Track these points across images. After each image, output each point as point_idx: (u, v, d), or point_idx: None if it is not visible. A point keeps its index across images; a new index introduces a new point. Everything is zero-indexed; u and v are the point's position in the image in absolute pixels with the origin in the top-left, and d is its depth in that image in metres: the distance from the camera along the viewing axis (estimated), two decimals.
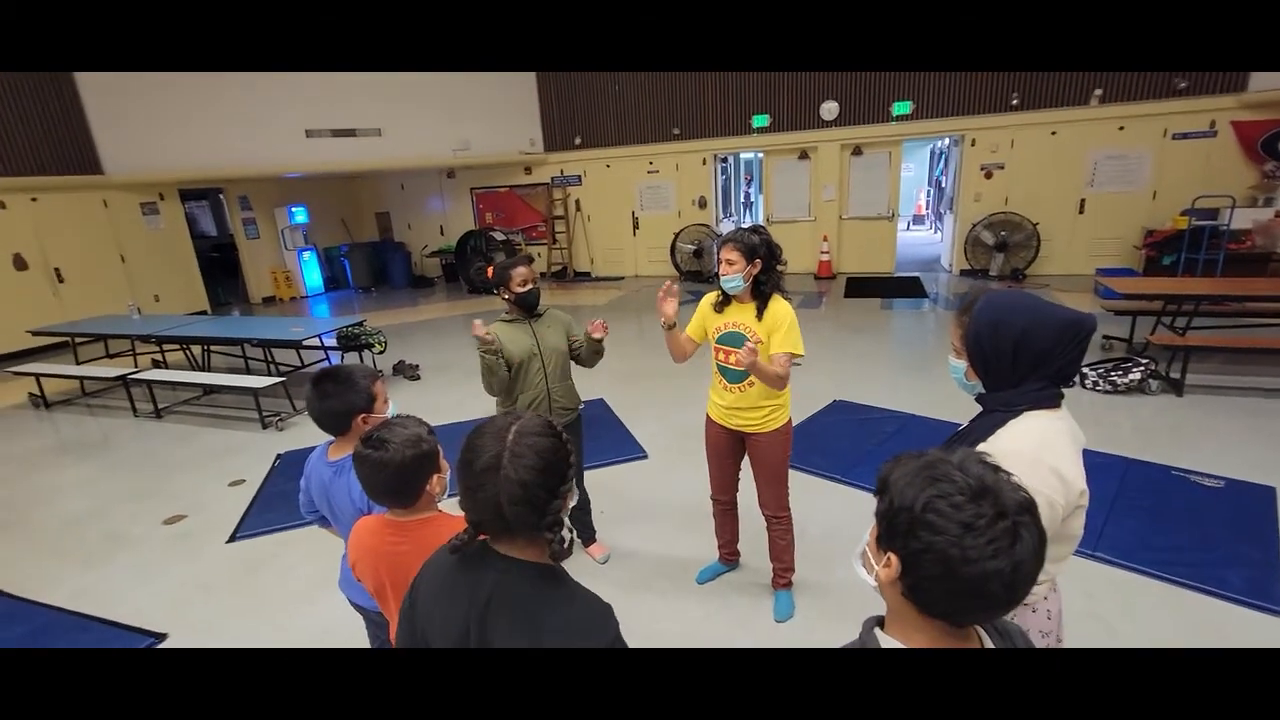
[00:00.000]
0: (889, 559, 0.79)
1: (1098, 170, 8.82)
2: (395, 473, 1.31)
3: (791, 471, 2.68)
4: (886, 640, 0.84)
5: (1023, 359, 1.26)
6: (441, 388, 5.94)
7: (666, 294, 2.37)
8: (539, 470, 0.96)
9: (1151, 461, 3.74)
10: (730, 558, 2.94)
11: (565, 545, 1.01)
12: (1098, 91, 8.57)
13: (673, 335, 2.46)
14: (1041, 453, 1.21)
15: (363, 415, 1.73)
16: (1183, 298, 5.22)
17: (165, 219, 9.84)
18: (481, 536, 1.02)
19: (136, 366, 6.51)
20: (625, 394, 5.35)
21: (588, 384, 5.53)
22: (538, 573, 0.99)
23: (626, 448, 4.37)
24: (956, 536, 0.72)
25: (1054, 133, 8.86)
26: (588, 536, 3.16)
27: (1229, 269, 7.41)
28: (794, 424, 2.59)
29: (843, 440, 4.28)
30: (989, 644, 0.84)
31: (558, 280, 11.79)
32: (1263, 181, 8.05)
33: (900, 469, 0.81)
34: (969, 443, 1.31)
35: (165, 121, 8.97)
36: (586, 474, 3.21)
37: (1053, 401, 1.28)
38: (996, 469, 0.78)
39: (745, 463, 2.64)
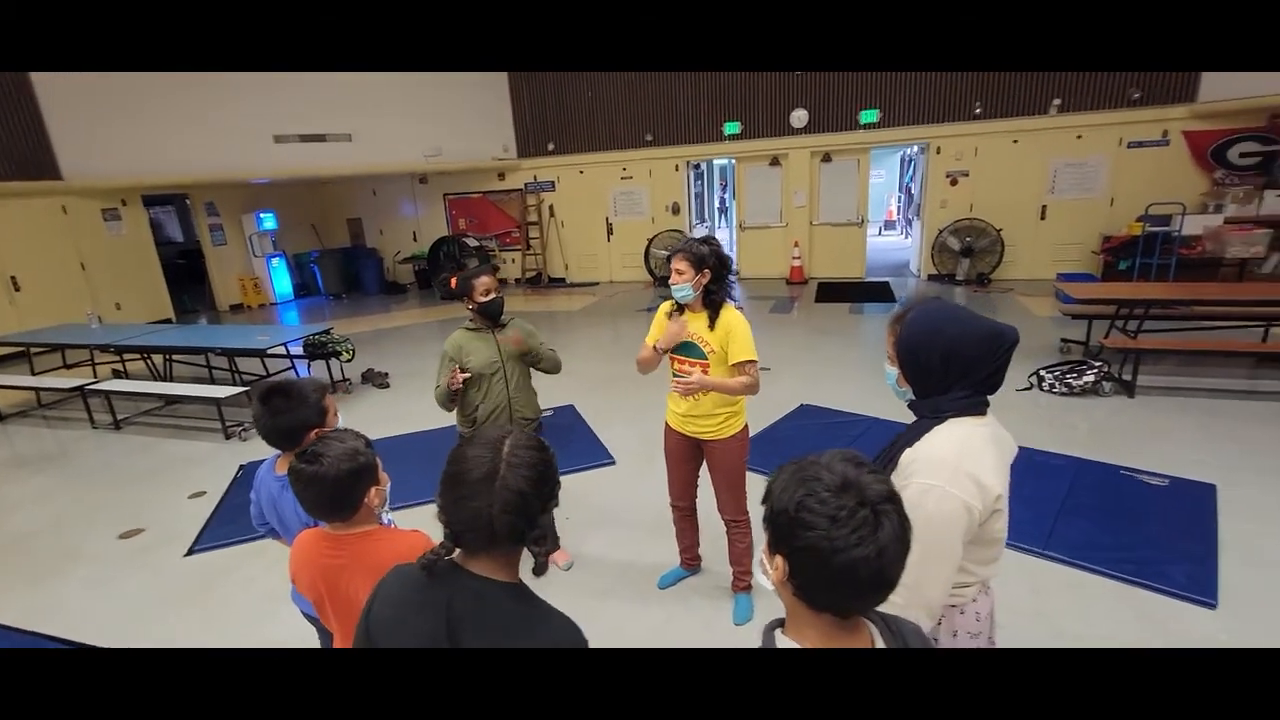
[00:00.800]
0: (777, 561, 0.84)
1: (1058, 177, 9.08)
2: (331, 487, 1.31)
3: (753, 475, 2.72)
4: (784, 641, 0.88)
5: (950, 368, 1.30)
6: (411, 396, 5.90)
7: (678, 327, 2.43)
8: (535, 481, 0.98)
9: (1102, 461, 3.86)
10: (692, 562, 2.97)
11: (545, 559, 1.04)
12: (1056, 101, 8.82)
13: (657, 357, 2.47)
14: (962, 459, 1.26)
15: (315, 430, 1.72)
16: (1134, 302, 5.40)
17: (127, 225, 9.62)
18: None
19: (95, 377, 6.35)
20: (596, 400, 5.37)
21: (559, 391, 5.57)
22: (512, 592, 1.01)
23: (595, 454, 4.39)
24: (825, 530, 0.78)
25: (1015, 141, 9.10)
26: (551, 544, 3.17)
27: (1181, 274, 7.67)
28: (760, 429, 2.63)
29: (808, 444, 4.32)
30: (880, 643, 0.87)
31: (532, 286, 11.77)
32: (1212, 189, 8.36)
33: (779, 478, 0.86)
34: (899, 448, 1.36)
35: (127, 126, 8.78)
36: None
37: (977, 409, 1.33)
38: (860, 464, 0.84)
39: (705, 469, 2.68)
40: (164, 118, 8.88)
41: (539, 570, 3.09)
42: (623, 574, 3.09)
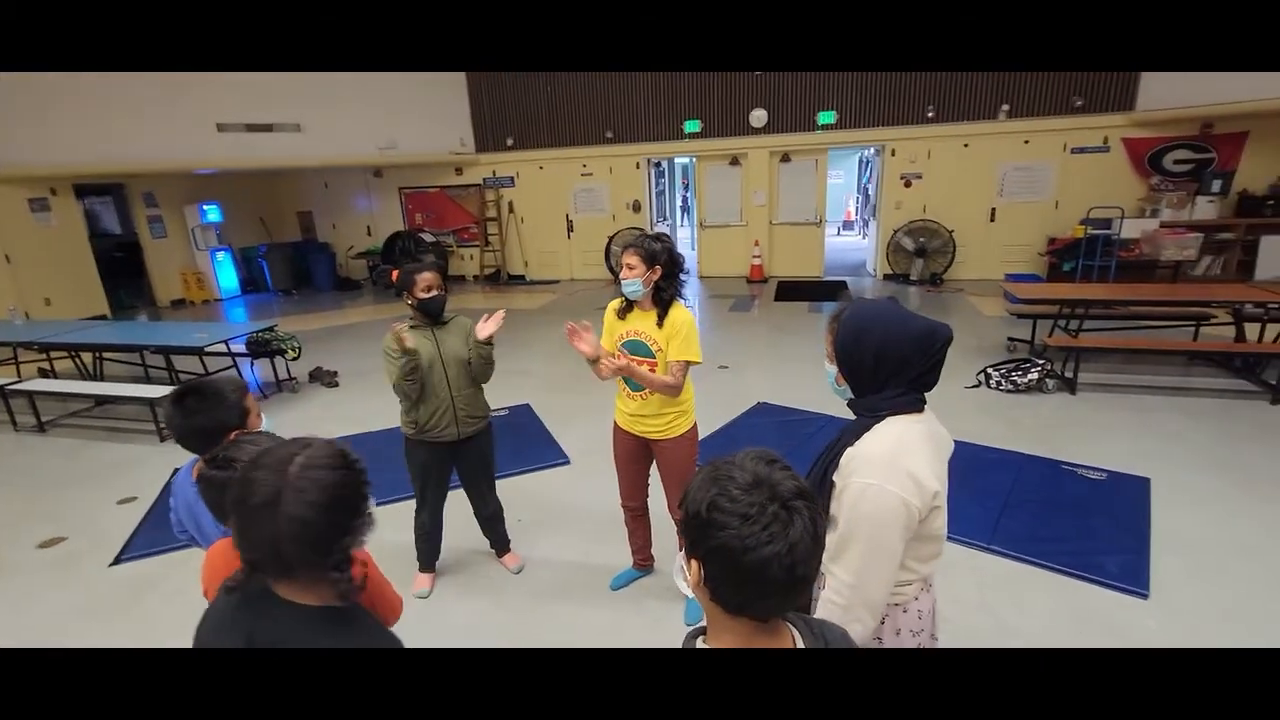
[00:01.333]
0: (693, 565, 0.83)
1: (1006, 181, 9.37)
2: None
3: None
4: (703, 646, 0.85)
5: (883, 367, 1.30)
6: (361, 396, 5.72)
7: (575, 335, 2.30)
8: (324, 506, 0.90)
9: (1045, 457, 3.98)
10: (644, 563, 2.94)
11: (357, 584, 0.95)
12: (1005, 107, 9.09)
13: (597, 367, 2.32)
14: (898, 456, 1.25)
15: (235, 432, 1.62)
16: (1075, 302, 5.59)
17: (57, 216, 9.07)
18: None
19: (19, 376, 5.98)
20: (553, 400, 5.29)
21: (515, 389, 5.48)
22: (322, 617, 0.94)
23: (549, 453, 4.32)
24: (736, 528, 0.76)
25: (966, 145, 9.35)
26: (501, 547, 3.10)
27: (1120, 275, 8.00)
28: (718, 426, 2.61)
29: (764, 442, 4.32)
30: (800, 644, 0.85)
31: (491, 283, 11.58)
32: (1149, 194, 8.74)
33: (695, 478, 0.84)
34: (839, 446, 1.35)
35: (56, 111, 8.28)
36: (501, 482, 3.14)
37: (913, 407, 1.32)
38: (772, 461, 0.83)
39: (656, 469, 2.65)
40: (97, 103, 8.41)
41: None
42: (574, 575, 3.03)
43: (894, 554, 1.24)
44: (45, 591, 3.14)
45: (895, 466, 1.23)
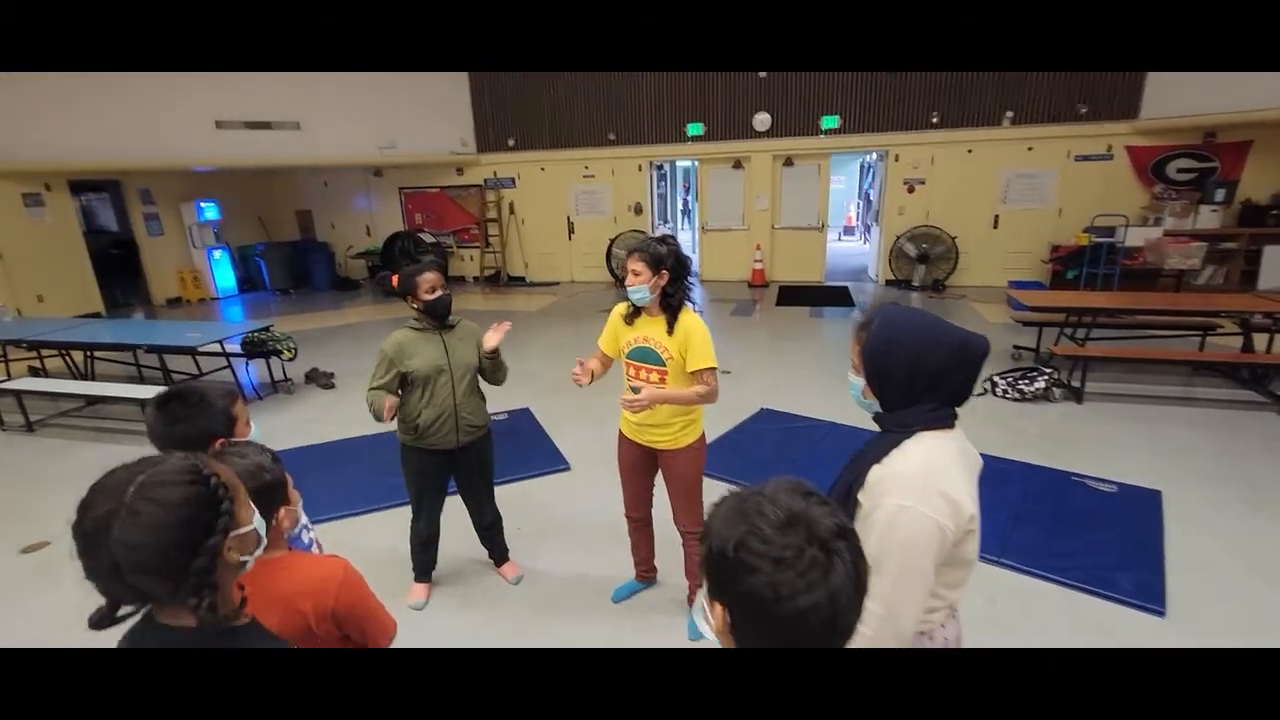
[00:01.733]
0: (717, 609, 0.75)
1: (1009, 187, 9.32)
2: None
3: (713, 481, 2.64)
4: None
5: (916, 379, 1.22)
6: (357, 397, 5.59)
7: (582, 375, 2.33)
8: (165, 529, 0.80)
9: (1053, 468, 3.91)
10: (647, 575, 2.86)
11: (233, 608, 0.87)
12: (1009, 114, 9.05)
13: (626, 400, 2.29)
14: (932, 476, 1.18)
15: (220, 440, 1.54)
16: (1082, 310, 5.53)
17: (51, 211, 8.97)
18: None
19: (8, 375, 5.88)
20: (552, 404, 5.21)
21: (514, 394, 5.39)
22: (196, 640, 0.86)
23: (549, 460, 4.23)
24: (769, 574, 0.68)
25: (970, 151, 9.30)
26: (500, 556, 3.01)
27: (1124, 283, 7.95)
28: (722, 433, 2.54)
29: (768, 449, 4.28)
30: None
31: (491, 285, 11.49)
32: (1153, 202, 8.70)
33: (718, 511, 0.76)
34: (865, 463, 1.27)
35: (52, 105, 8.18)
36: (500, 489, 3.05)
37: (945, 422, 1.25)
38: (808, 495, 0.74)
39: (661, 479, 2.57)
40: (94, 98, 8.31)
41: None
42: (575, 587, 2.95)
43: (927, 581, 1.16)
44: (29, 599, 3.04)
45: (929, 487, 1.16)
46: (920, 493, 1.16)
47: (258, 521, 0.98)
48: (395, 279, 2.62)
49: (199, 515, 0.84)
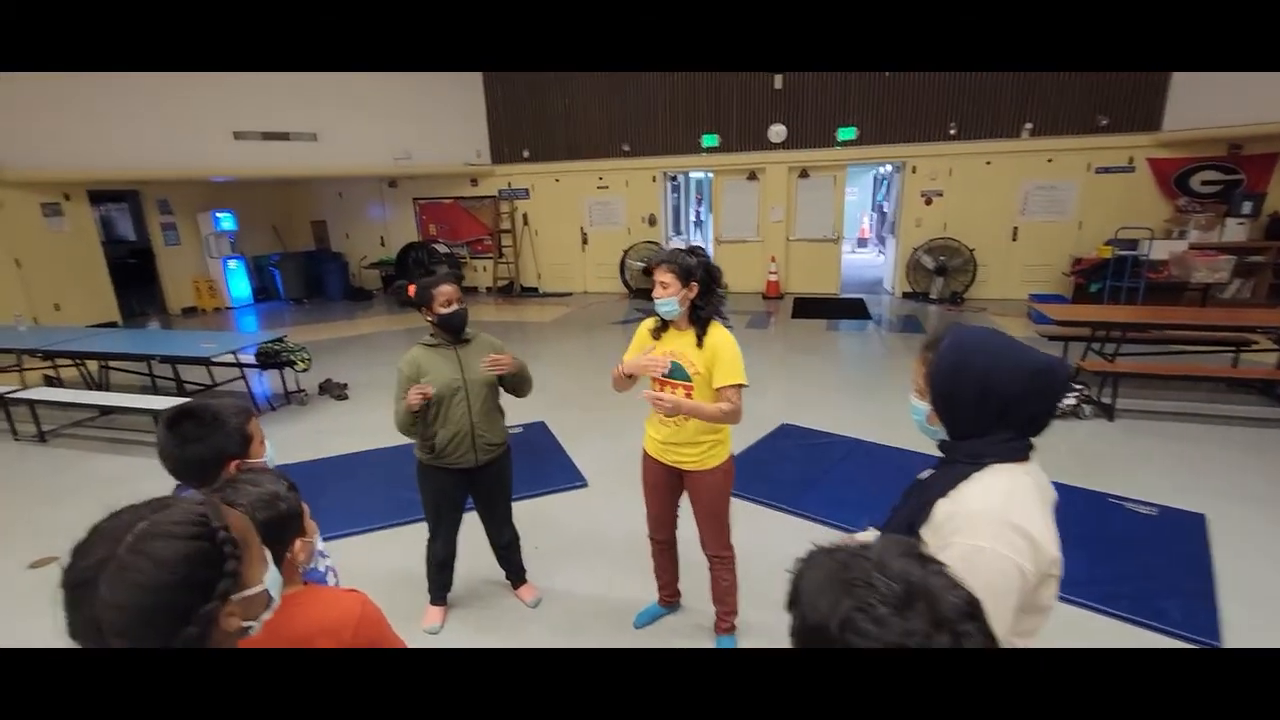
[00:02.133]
0: None
1: (1029, 200, 9.19)
2: None
3: (736, 500, 2.53)
4: None
5: (989, 406, 1.12)
6: (372, 408, 5.56)
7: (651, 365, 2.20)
8: (154, 590, 0.70)
9: (1088, 489, 3.76)
10: (670, 599, 2.74)
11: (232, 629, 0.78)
12: (1028, 125, 8.94)
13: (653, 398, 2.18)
14: (1010, 513, 1.08)
15: (236, 461, 1.46)
16: (1110, 325, 5.38)
17: (70, 221, 9.04)
18: None
19: (23, 384, 5.87)
20: (568, 417, 5.11)
21: (529, 406, 5.29)
22: None
23: (565, 475, 4.13)
24: None
25: (988, 163, 9.19)
26: (517, 578, 2.91)
27: (1149, 297, 7.77)
28: (741, 449, 2.44)
29: (790, 466, 4.16)
30: None
31: (504, 296, 11.46)
32: (1176, 215, 8.54)
33: (810, 573, 0.64)
34: (930, 496, 1.17)
35: (73, 116, 8.25)
36: (516, 505, 2.96)
37: (1021, 454, 1.15)
38: (924, 560, 0.62)
39: (686, 498, 2.46)
40: (113, 109, 8.38)
41: (515, 582, 2.86)
42: (595, 611, 2.84)
43: (1005, 630, 1.05)
44: (35, 617, 2.96)
45: (1007, 525, 1.05)
46: (997, 532, 1.06)
47: (271, 580, 0.88)
48: (412, 289, 2.55)
49: (195, 573, 0.73)
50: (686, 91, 10.10)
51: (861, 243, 17.38)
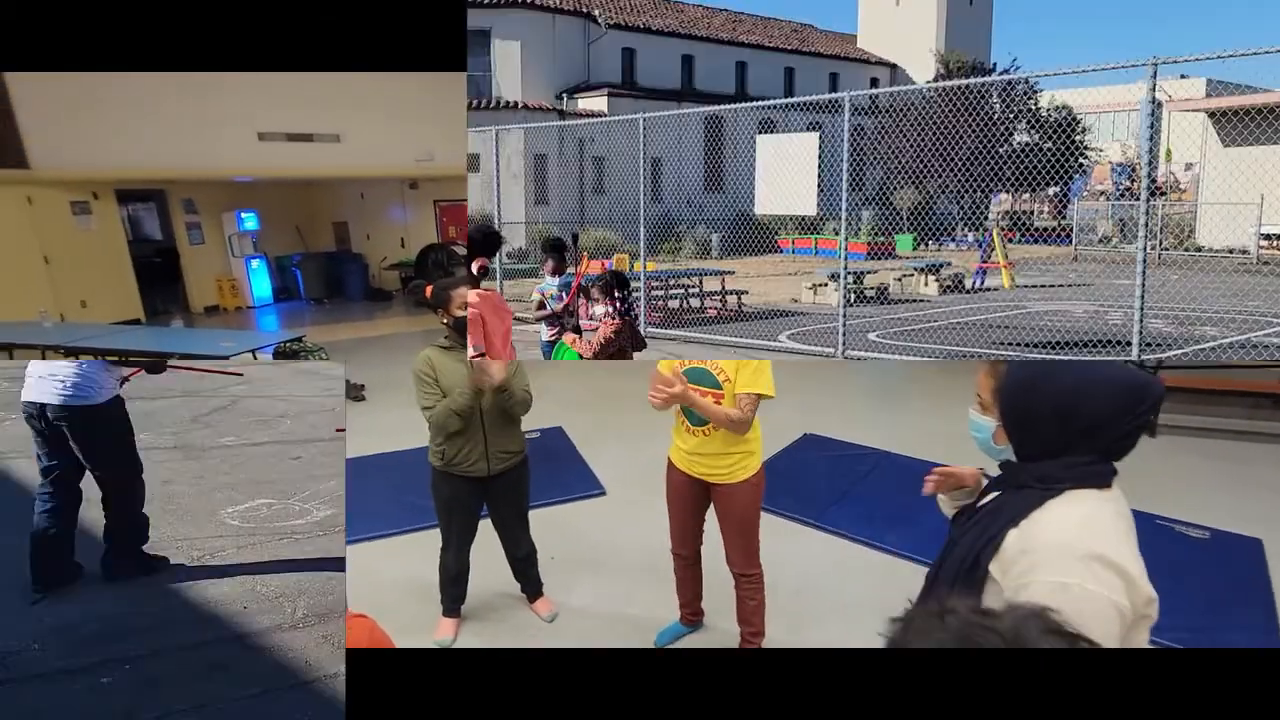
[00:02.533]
0: None
1: None
2: None
3: (767, 517, 2.40)
4: None
5: (1069, 426, 0.99)
6: (387, 409, 5.50)
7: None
8: None
9: (1134, 510, 3.56)
10: (693, 618, 2.62)
11: None
12: None
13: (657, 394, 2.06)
14: (1095, 545, 0.94)
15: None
16: None
17: (97, 219, 9.16)
18: None
19: None
20: (586, 421, 5.00)
21: (545, 410, 5.18)
22: None
23: (582, 483, 4.04)
24: None
25: None
26: (533, 591, 2.80)
27: None
28: (764, 460, 2.32)
29: (816, 480, 4.01)
30: None
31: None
32: None
33: (917, 644, 0.50)
34: (998, 526, 1.03)
35: (102, 115, 8.36)
36: (533, 515, 2.85)
37: (1105, 480, 1.02)
38: (1072, 639, 0.51)
39: (712, 512, 2.34)
40: (141, 108, 8.48)
41: (531, 595, 2.76)
42: (614, 627, 2.73)
43: None
44: None
45: (1095, 559, 0.92)
46: (1084, 566, 0.92)
47: None
48: (429, 289, 2.47)
49: None
50: None
51: None
